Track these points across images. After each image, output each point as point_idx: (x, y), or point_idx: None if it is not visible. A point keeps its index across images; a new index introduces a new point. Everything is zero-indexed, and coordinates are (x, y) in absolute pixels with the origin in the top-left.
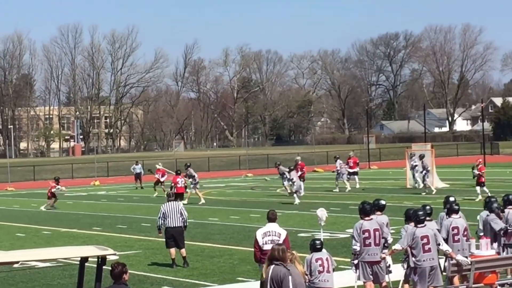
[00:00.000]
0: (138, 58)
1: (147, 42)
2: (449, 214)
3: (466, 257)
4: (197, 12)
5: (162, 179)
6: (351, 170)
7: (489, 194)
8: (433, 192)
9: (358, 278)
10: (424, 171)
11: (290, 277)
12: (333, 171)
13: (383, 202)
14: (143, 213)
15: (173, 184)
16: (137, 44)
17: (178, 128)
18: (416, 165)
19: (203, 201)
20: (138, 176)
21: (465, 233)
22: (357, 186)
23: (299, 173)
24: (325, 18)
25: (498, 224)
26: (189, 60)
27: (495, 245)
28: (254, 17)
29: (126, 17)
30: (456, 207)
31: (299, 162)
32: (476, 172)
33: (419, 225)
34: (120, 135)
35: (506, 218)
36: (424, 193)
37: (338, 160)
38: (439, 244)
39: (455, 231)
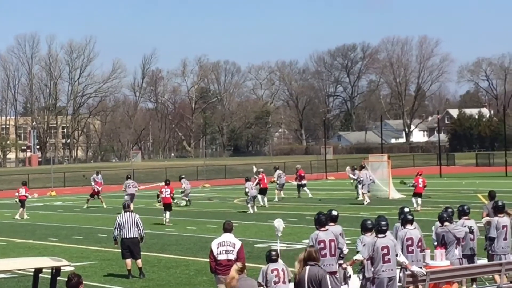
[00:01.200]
0: (95, 68)
1: (105, 52)
2: (403, 224)
3: (421, 267)
4: (155, 22)
5: (99, 188)
6: (299, 183)
7: (416, 207)
8: (366, 203)
9: None
10: (370, 181)
11: (328, 276)
12: (272, 181)
13: (335, 212)
14: (100, 224)
15: (159, 192)
16: (95, 54)
17: (136, 138)
18: (361, 179)
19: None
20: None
21: (419, 244)
22: (309, 195)
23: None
24: (283, 29)
25: (461, 232)
26: (147, 70)
27: (456, 252)
28: (212, 28)
29: (84, 27)
30: (410, 217)
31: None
32: (411, 183)
33: (379, 235)
34: (78, 145)
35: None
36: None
37: (278, 171)
38: (397, 255)
39: (409, 242)
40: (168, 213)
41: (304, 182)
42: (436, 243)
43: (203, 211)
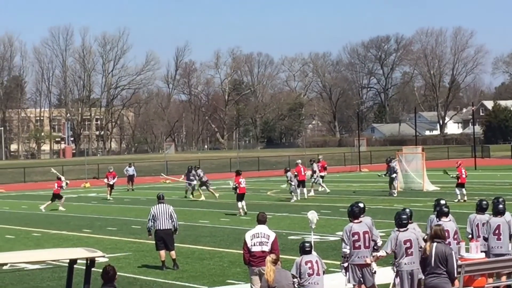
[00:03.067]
0: (129, 61)
1: (138, 45)
2: (439, 217)
3: (457, 260)
4: (189, 14)
5: (111, 182)
6: (322, 174)
7: (460, 198)
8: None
9: (348, 281)
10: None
11: (454, 253)
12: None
13: (361, 204)
14: (134, 215)
15: (236, 184)
16: (128, 46)
17: (169, 130)
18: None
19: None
20: (130, 178)
21: (455, 236)
22: (320, 189)
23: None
24: (316, 21)
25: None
26: (180, 62)
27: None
28: (245, 20)
29: (117, 19)
30: (446, 209)
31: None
32: (455, 174)
33: (401, 229)
34: (111, 137)
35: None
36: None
37: (315, 164)
38: (421, 247)
39: (446, 234)
40: (242, 202)
41: (324, 173)
42: (470, 236)
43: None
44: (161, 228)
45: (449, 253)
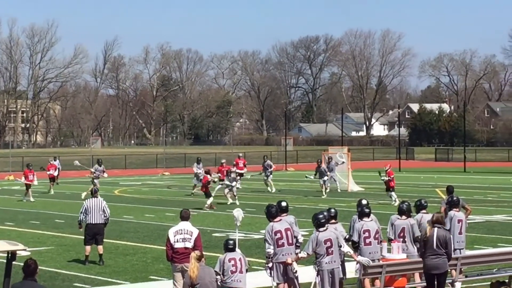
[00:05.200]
0: (57, 53)
1: (67, 37)
2: (360, 217)
3: (378, 259)
4: (119, 8)
5: (55, 174)
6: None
7: (395, 199)
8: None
9: (273, 280)
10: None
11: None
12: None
13: (284, 203)
14: (58, 209)
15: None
16: (57, 39)
17: (96, 124)
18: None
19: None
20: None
21: (377, 236)
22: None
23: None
24: (246, 19)
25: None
26: (109, 56)
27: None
28: (175, 16)
29: (46, 11)
30: (367, 210)
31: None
32: (386, 178)
33: (320, 229)
34: (37, 130)
35: (419, 223)
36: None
37: (268, 160)
38: (341, 246)
39: (366, 234)
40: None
41: (243, 171)
42: (392, 236)
43: (162, 199)
44: (93, 222)
45: (448, 237)
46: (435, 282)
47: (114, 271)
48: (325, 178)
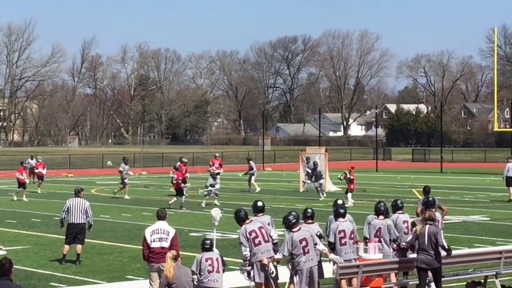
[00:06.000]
0: (35, 52)
1: (45, 36)
2: (336, 217)
3: (354, 259)
4: (97, 7)
5: (44, 171)
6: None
7: (350, 201)
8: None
9: (253, 280)
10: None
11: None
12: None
13: (260, 203)
14: (34, 208)
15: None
16: (34, 38)
17: (73, 123)
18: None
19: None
20: (32, 171)
21: (352, 236)
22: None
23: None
24: (224, 19)
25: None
26: (86, 55)
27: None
28: (153, 15)
29: (23, 10)
30: (342, 210)
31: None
32: (342, 178)
33: (294, 229)
34: (14, 128)
35: (395, 223)
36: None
37: (251, 161)
38: (316, 244)
39: (342, 234)
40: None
41: (220, 171)
42: (368, 236)
43: (139, 199)
44: (74, 222)
45: (438, 232)
46: (427, 278)
47: (91, 270)
48: (321, 181)
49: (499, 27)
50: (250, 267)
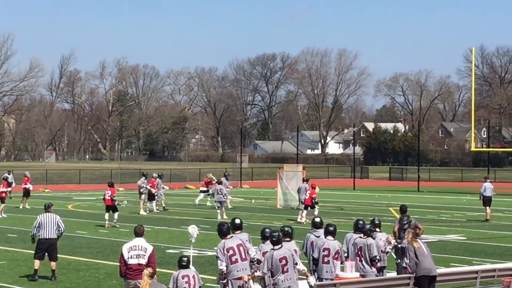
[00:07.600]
0: (12, 66)
1: (23, 51)
2: (325, 234)
3: (332, 279)
4: (75, 22)
5: (31, 187)
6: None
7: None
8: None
9: None
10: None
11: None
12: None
13: (237, 220)
14: (10, 223)
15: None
16: (12, 52)
17: (51, 139)
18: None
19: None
20: (9, 186)
21: (336, 256)
22: (208, 203)
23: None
24: (203, 35)
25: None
26: (65, 70)
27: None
28: (132, 31)
29: (1, 24)
30: (331, 228)
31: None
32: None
33: (275, 247)
34: None
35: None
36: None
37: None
38: (296, 264)
39: (326, 252)
40: (107, 214)
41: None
42: (346, 254)
43: None
44: (46, 237)
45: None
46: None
47: (66, 286)
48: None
49: (476, 47)
50: (226, 281)
